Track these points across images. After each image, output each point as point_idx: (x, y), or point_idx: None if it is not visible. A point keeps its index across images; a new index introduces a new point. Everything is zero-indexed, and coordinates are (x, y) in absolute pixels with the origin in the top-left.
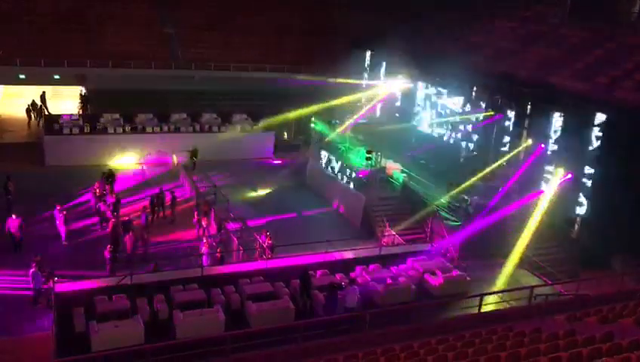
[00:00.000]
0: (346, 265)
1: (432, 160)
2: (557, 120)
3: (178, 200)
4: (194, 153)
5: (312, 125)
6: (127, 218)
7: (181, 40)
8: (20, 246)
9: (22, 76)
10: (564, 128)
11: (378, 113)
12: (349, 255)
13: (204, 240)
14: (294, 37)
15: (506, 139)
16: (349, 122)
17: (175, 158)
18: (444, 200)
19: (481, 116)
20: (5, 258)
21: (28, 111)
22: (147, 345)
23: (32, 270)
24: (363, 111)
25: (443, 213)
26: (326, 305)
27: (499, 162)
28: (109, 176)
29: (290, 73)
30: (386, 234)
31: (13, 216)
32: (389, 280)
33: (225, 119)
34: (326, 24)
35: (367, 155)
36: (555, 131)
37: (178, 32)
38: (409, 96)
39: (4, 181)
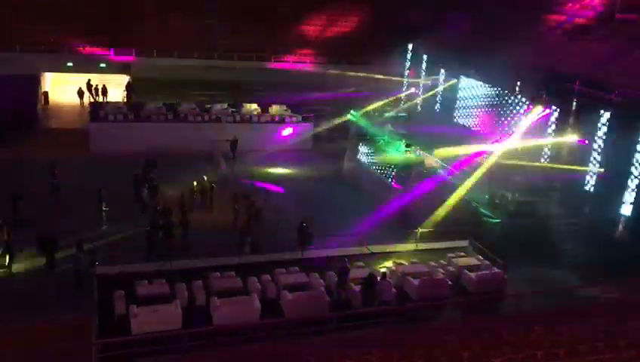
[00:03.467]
0: (383, 259)
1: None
2: (604, 117)
3: (217, 188)
4: (234, 143)
5: (351, 117)
6: (167, 205)
7: (223, 30)
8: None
9: (69, 64)
10: (611, 126)
11: (419, 107)
12: (385, 248)
13: (242, 229)
14: (336, 28)
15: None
16: (388, 115)
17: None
18: (484, 196)
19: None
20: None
21: (80, 93)
22: (184, 330)
23: (74, 252)
24: (403, 104)
25: (482, 210)
26: (361, 298)
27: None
28: (150, 164)
29: (330, 65)
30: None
31: None
32: (425, 275)
33: (264, 109)
34: (369, 15)
35: (406, 149)
36: (601, 128)
37: (221, 22)
38: (451, 91)
39: (51, 166)
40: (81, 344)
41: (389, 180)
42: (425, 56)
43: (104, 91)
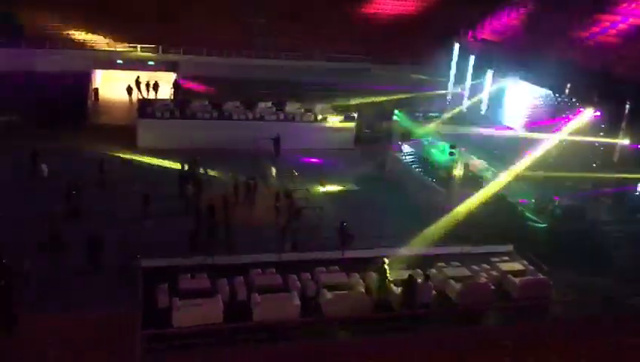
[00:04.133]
0: (425, 261)
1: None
2: None
3: (258, 185)
4: (277, 141)
5: (395, 117)
6: (211, 201)
7: (271, 29)
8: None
9: (119, 61)
10: None
11: (465, 109)
12: (427, 250)
13: (282, 227)
14: (380, 27)
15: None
16: (433, 116)
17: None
18: (530, 199)
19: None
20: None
21: (129, 90)
22: (225, 324)
23: (120, 245)
24: (448, 104)
25: (527, 214)
26: (401, 300)
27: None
28: (195, 161)
29: (375, 64)
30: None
31: None
32: (468, 279)
33: (308, 109)
34: (415, 13)
35: (451, 151)
36: None
37: (268, 21)
38: (498, 92)
39: (100, 161)
40: (126, 335)
41: (432, 182)
42: (472, 57)
43: (155, 87)
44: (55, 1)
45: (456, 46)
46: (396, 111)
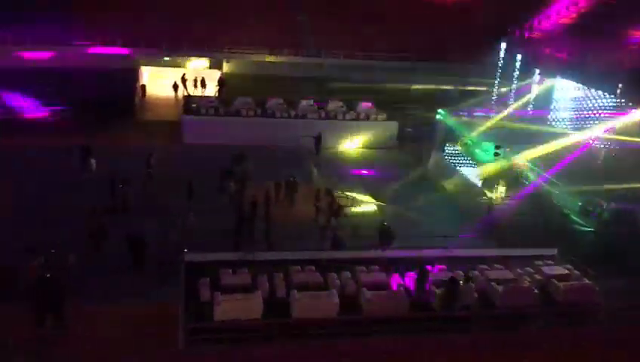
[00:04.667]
0: (466, 262)
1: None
2: None
3: (299, 184)
4: (318, 139)
5: (439, 116)
6: (252, 198)
7: (314, 28)
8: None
9: (166, 58)
10: None
11: (511, 108)
12: (468, 252)
13: (323, 225)
14: (425, 24)
15: None
16: (477, 115)
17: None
18: (576, 203)
19: None
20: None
21: (175, 87)
22: (265, 320)
23: (163, 239)
24: (493, 103)
25: (573, 217)
26: (442, 301)
27: None
28: (238, 157)
29: (418, 62)
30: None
31: None
32: (510, 282)
33: (350, 107)
34: (460, 11)
35: (496, 151)
36: None
37: (312, 19)
38: (546, 92)
39: (147, 155)
40: (169, 327)
41: (476, 181)
42: (519, 56)
43: (203, 83)
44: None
45: (504, 45)
46: (440, 110)
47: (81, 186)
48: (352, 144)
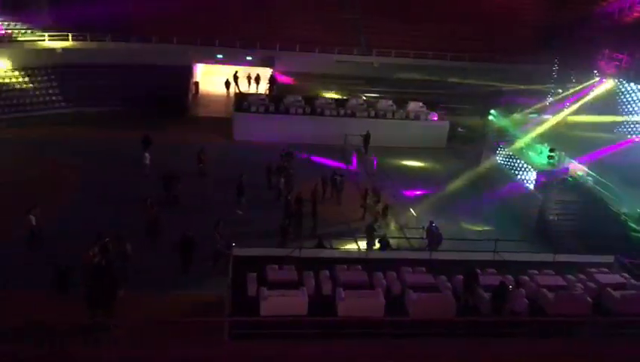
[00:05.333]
0: (516, 267)
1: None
2: None
3: (346, 183)
4: (366, 138)
5: (491, 117)
6: (299, 194)
7: (364, 26)
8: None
9: (219, 56)
10: None
11: (567, 111)
12: (519, 257)
13: (369, 225)
14: (478, 24)
15: None
16: (532, 117)
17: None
18: (636, 209)
19: None
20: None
21: (227, 84)
22: (310, 317)
23: (213, 233)
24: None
25: (632, 224)
26: (491, 306)
27: None
28: (287, 154)
29: (472, 62)
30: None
31: None
32: (562, 289)
33: (400, 106)
34: (513, 9)
35: (550, 154)
36: None
37: (362, 18)
38: (607, 95)
39: (198, 151)
40: (216, 319)
41: (529, 186)
42: (576, 57)
43: (257, 80)
44: None
45: (561, 45)
46: (493, 111)
47: (138, 178)
48: (402, 144)
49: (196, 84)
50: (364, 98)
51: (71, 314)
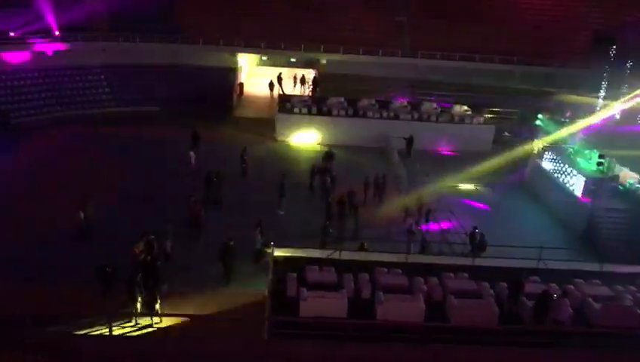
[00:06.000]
0: (561, 276)
1: None
2: None
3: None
4: (410, 141)
5: (538, 122)
6: (341, 196)
7: (411, 28)
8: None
9: (264, 58)
10: None
11: (618, 116)
12: (565, 265)
13: (411, 228)
14: (529, 27)
15: None
16: (582, 124)
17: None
18: None
19: None
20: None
21: (271, 85)
22: (349, 320)
23: (253, 231)
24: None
25: None
26: (534, 315)
27: None
28: (329, 156)
29: (520, 66)
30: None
31: None
32: (610, 300)
33: (445, 109)
34: (568, 12)
35: (600, 160)
36: None
37: (409, 20)
38: None
39: (241, 151)
40: (256, 317)
41: (577, 193)
42: (629, 64)
43: (303, 81)
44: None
45: (613, 51)
46: (540, 115)
47: (182, 177)
48: (445, 147)
49: (241, 85)
50: (407, 101)
51: (114, 307)
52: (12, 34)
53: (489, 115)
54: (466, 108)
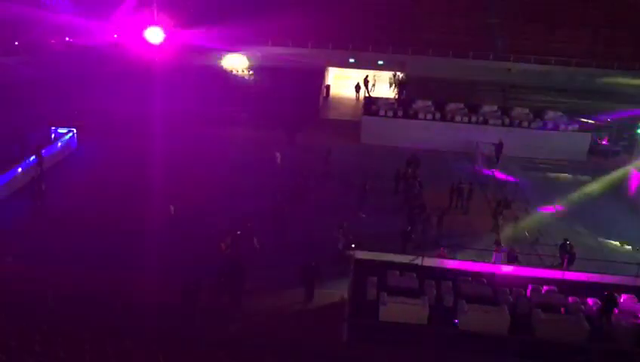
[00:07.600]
0: None
1: None
2: None
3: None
4: (499, 147)
5: (639, 130)
6: (424, 202)
7: (503, 30)
8: None
9: (352, 60)
10: None
11: None
12: None
13: (498, 238)
14: (626, 29)
15: None
16: None
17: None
18: None
19: None
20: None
21: (357, 87)
22: (430, 327)
23: (336, 234)
24: None
25: None
26: (630, 334)
27: None
28: (414, 161)
29: (621, 71)
30: None
31: None
32: None
33: (537, 115)
34: None
35: None
36: None
37: (501, 22)
38: None
39: (326, 153)
40: (335, 319)
41: None
42: None
43: (390, 83)
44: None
45: None
46: None
47: (270, 176)
48: (537, 155)
49: (327, 87)
50: (498, 105)
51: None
52: None
53: (584, 120)
54: (560, 113)
